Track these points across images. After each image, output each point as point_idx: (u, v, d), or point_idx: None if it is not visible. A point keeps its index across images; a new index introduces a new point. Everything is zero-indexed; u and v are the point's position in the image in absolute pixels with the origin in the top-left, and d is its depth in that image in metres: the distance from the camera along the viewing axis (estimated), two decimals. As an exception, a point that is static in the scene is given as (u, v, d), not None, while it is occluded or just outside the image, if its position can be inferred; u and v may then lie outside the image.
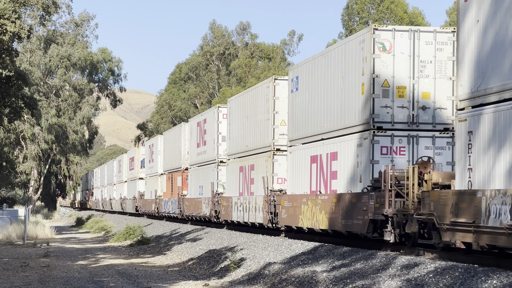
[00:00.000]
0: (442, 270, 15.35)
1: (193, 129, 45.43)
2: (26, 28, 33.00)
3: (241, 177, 34.41)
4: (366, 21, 75.37)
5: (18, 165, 79.06)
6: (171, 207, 49.85)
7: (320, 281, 17.30)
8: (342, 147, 23.76)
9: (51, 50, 79.73)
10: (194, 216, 43.02)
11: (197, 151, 43.73)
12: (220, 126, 39.14)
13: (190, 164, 45.57)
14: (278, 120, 30.45)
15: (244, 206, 33.03)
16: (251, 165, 32.96)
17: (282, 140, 30.19)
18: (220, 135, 39.02)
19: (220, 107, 39.42)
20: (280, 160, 30.27)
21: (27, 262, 27.97)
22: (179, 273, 24.14)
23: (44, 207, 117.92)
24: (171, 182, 50.52)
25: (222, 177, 38.65)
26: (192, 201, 43.82)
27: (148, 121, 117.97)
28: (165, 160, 53.90)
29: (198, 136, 43.64)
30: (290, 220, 27.72)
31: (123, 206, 74.74)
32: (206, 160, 41.21)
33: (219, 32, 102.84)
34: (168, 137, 54.25)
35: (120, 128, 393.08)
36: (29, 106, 35.92)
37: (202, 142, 42.45)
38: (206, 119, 41.87)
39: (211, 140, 40.22)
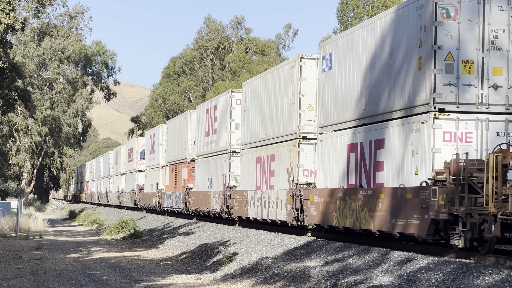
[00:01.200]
0: (434, 266, 15.38)
1: (201, 116, 41.70)
2: (20, 20, 32.93)
3: (259, 169, 30.90)
4: (361, 16, 75.37)
5: (11, 157, 78.83)
6: (174, 201, 46.51)
7: (313, 276, 17.33)
8: (390, 133, 20.33)
9: (44, 43, 79.44)
10: (202, 211, 39.77)
11: (205, 141, 40.20)
12: (233, 113, 35.57)
13: (197, 154, 42.11)
14: (304, 105, 26.93)
15: (263, 201, 29.65)
16: (271, 155, 29.51)
17: (309, 127, 26.78)
18: (233, 123, 35.50)
19: (233, 91, 35.90)
20: (306, 149, 26.80)
21: (19, 254, 27.94)
22: (171, 267, 24.14)
23: (37, 200, 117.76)
24: (175, 175, 47.09)
25: (235, 169, 35.12)
26: (199, 195, 40.45)
27: (142, 114, 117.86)
28: (168, 151, 50.21)
29: (207, 124, 40.02)
30: (321, 218, 24.06)
31: (120, 200, 71.72)
32: (216, 151, 37.84)
33: (214, 26, 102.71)
34: (171, 126, 50.37)
35: (113, 121, 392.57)
36: (22, 98, 35.87)
37: (212, 130, 38.91)
38: (217, 105, 38.20)
39: (223, 128, 36.84)
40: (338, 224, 22.63)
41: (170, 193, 47.95)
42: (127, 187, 68.61)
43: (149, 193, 56.26)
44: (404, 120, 19.73)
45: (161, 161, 52.29)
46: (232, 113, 35.68)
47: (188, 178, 43.62)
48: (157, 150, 54.28)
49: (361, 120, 22.21)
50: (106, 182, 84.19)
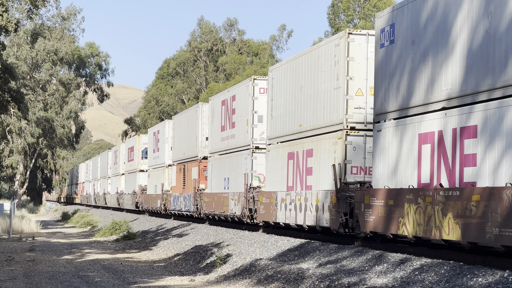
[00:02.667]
0: (428, 268, 15.39)
1: (216, 109, 37.29)
2: (13, 22, 32.89)
3: (291, 167, 26.58)
4: (352, 19, 75.47)
5: (4, 159, 78.70)
6: (183, 203, 42.30)
7: (307, 278, 17.31)
8: (493, 117, 15.61)
9: (38, 44, 79.43)
10: (217, 215, 35.54)
11: (221, 136, 35.93)
12: (256, 103, 31.68)
13: (210, 152, 37.91)
14: (353, 89, 22.94)
15: (297, 204, 25.28)
16: (307, 150, 25.21)
17: (358, 115, 22.88)
18: (256, 115, 31.59)
19: (256, 79, 31.91)
20: (355, 142, 22.75)
21: (12, 256, 27.86)
22: (165, 269, 24.11)
23: (30, 202, 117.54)
24: (183, 174, 42.82)
25: (259, 167, 31.31)
26: (213, 196, 36.20)
27: (135, 116, 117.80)
28: (175, 149, 45.82)
29: (224, 117, 35.74)
30: (382, 225, 19.40)
31: (120, 202, 67.28)
32: (235, 147, 33.75)
33: (207, 28, 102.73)
34: (179, 121, 45.76)
35: (107, 123, 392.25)
36: (15, 99, 35.83)
37: (229, 124, 34.71)
38: (236, 95, 33.95)
39: (243, 121, 32.81)
40: (407, 232, 18.13)
41: (178, 195, 43.90)
42: (127, 189, 64.58)
43: (152, 195, 52.33)
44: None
45: (167, 160, 48.50)
46: (254, 103, 31.80)
47: (199, 178, 39.63)
48: (162, 148, 50.34)
49: (440, 103, 17.76)
50: (104, 183, 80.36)
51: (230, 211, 33.09)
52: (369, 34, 23.02)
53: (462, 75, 16.94)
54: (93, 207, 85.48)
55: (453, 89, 17.18)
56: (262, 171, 31.07)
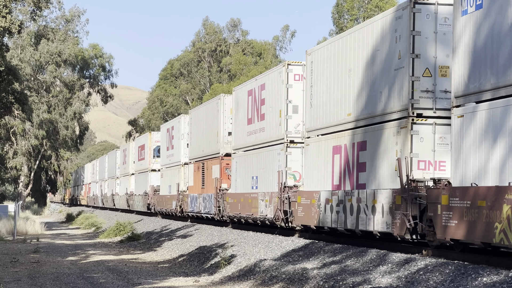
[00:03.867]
0: (432, 268, 15.37)
1: (241, 100, 33.68)
2: (17, 23, 32.95)
3: (337, 162, 23.11)
4: (356, 18, 75.43)
5: (8, 160, 78.85)
6: (202, 205, 38.74)
7: (311, 278, 17.30)
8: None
9: (41, 46, 79.57)
10: (244, 217, 31.99)
11: (247, 130, 32.41)
12: (291, 92, 28.05)
13: (234, 148, 34.33)
14: (419, 69, 19.50)
15: (348, 205, 21.81)
16: (359, 143, 21.83)
17: (426, 100, 19.35)
18: (291, 104, 27.95)
19: (290, 64, 28.29)
20: (423, 132, 19.30)
21: (17, 257, 27.89)
22: (169, 270, 24.11)
23: (34, 203, 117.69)
24: (202, 173, 39.26)
25: (294, 164, 27.69)
26: (239, 197, 32.74)
27: (139, 117, 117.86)
28: (192, 146, 42.30)
29: (251, 109, 32.24)
30: (467, 232, 15.93)
31: (129, 203, 63.71)
32: (264, 141, 30.28)
33: (212, 28, 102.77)
34: (197, 116, 42.06)
35: (111, 124, 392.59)
36: (19, 101, 35.90)
37: (258, 116, 31.25)
38: (265, 84, 30.45)
39: (274, 112, 29.27)
40: (506, 241, 14.55)
41: (196, 196, 40.29)
42: (137, 189, 61.28)
43: (166, 196, 48.63)
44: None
45: (183, 158, 45.04)
46: (288, 92, 28.15)
47: (221, 177, 36.12)
48: (177, 145, 46.66)
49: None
50: (112, 183, 76.89)
51: (260, 213, 29.66)
52: (438, 3, 19.74)
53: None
54: (100, 209, 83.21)
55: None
56: (297, 168, 27.63)
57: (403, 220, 18.70)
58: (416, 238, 18.89)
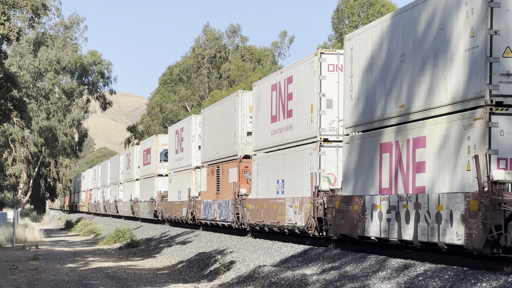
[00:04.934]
0: (432, 273, 15.34)
1: (263, 96, 30.64)
2: (15, 30, 32.96)
3: (387, 162, 19.85)
4: (356, 24, 75.49)
5: (7, 167, 78.84)
6: (218, 212, 35.72)
7: (310, 284, 17.28)
8: None
9: (40, 54, 79.68)
10: (269, 226, 28.89)
11: (271, 129, 29.43)
12: (324, 84, 25.07)
13: (255, 149, 31.42)
14: (498, 48, 16.14)
15: (402, 212, 18.47)
16: (416, 138, 18.53)
17: (507, 86, 16.11)
18: (324, 98, 24.96)
19: (324, 53, 25.21)
20: (503, 124, 16.09)
21: (15, 265, 27.85)
22: (168, 276, 24.07)
23: (33, 210, 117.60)
24: (217, 177, 36.47)
25: (328, 165, 24.73)
26: (262, 203, 29.72)
27: (138, 123, 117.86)
28: (205, 148, 39.26)
29: (275, 105, 29.12)
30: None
31: (134, 210, 60.78)
32: (293, 140, 27.26)
33: (212, 35, 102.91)
34: (210, 115, 38.93)
35: (110, 130, 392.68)
36: (18, 108, 35.89)
37: (284, 113, 28.11)
38: (293, 76, 27.30)
39: (305, 107, 26.05)
40: None
41: (211, 202, 37.31)
42: (143, 195, 58.23)
43: (176, 202, 45.71)
44: None
45: (194, 161, 42.30)
46: (322, 84, 25.15)
47: (239, 181, 33.08)
48: (187, 147, 43.82)
49: None
50: (115, 189, 73.97)
51: (288, 221, 26.55)
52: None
53: None
54: (102, 216, 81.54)
55: None
56: (332, 170, 24.70)
57: (481, 230, 15.58)
58: (497, 252, 15.83)
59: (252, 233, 31.93)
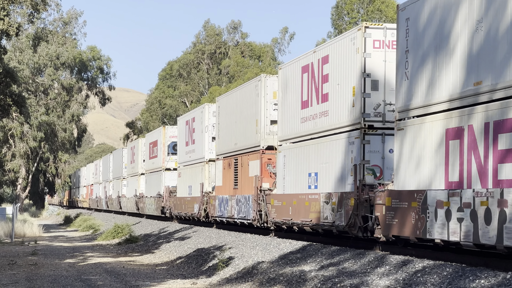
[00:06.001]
0: (430, 270, 15.37)
1: (292, 79, 27.18)
2: (14, 26, 32.94)
3: (455, 151, 16.53)
4: (355, 21, 75.49)
5: (6, 163, 78.80)
6: (236, 208, 32.89)
7: (309, 280, 17.31)
8: None
9: (40, 49, 79.61)
10: (299, 224, 25.76)
11: (302, 116, 26.10)
12: (369, 63, 21.89)
13: (281, 139, 28.15)
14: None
15: (478, 211, 15.33)
16: (497, 122, 15.27)
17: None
18: (369, 79, 21.73)
19: (369, 27, 22.04)
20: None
21: (14, 260, 27.87)
22: (167, 272, 24.10)
23: (32, 206, 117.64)
24: (235, 171, 33.59)
25: (373, 156, 21.70)
26: (290, 199, 26.53)
27: (137, 119, 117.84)
28: (221, 139, 36.09)
29: (307, 88, 25.75)
30: None
31: (139, 206, 57.81)
32: (328, 128, 23.93)
33: (212, 31, 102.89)
34: (227, 103, 35.84)
35: (109, 126, 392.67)
36: (17, 103, 35.90)
37: (318, 97, 24.78)
38: (329, 55, 24.02)
39: (344, 90, 22.85)
40: None
41: (227, 197, 34.45)
42: (148, 191, 55.20)
43: (186, 198, 42.62)
44: None
45: (207, 154, 39.36)
46: (366, 63, 21.95)
47: (262, 175, 30.16)
48: (199, 139, 40.63)
49: None
50: (118, 184, 71.26)
51: (323, 219, 23.51)
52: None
53: None
54: (104, 212, 79.74)
55: None
56: (377, 162, 21.71)
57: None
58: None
59: (277, 232, 28.87)
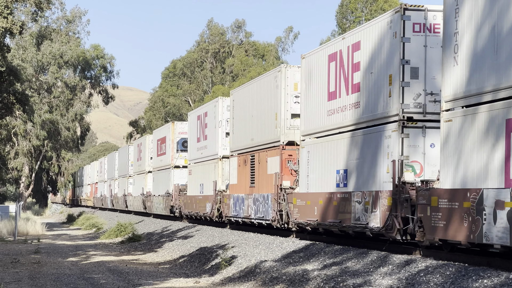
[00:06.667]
0: (433, 269, 15.36)
1: (317, 68, 25.09)
2: (18, 24, 32.97)
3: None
4: (359, 20, 75.49)
5: (10, 161, 78.90)
6: (253, 208, 30.93)
7: (311, 279, 17.30)
8: None
9: (43, 47, 79.68)
10: (326, 226, 23.55)
11: (328, 108, 24.07)
12: (408, 49, 19.80)
13: (305, 133, 26.23)
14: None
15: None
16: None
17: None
18: (408, 66, 19.70)
19: (408, 9, 20.08)
20: None
21: (17, 258, 27.90)
22: (170, 270, 24.10)
23: (35, 204, 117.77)
24: (251, 168, 31.80)
25: (412, 151, 19.66)
26: (315, 198, 24.53)
27: (141, 118, 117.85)
28: (236, 134, 34.19)
29: (333, 78, 23.71)
30: None
31: (146, 205, 55.97)
32: (360, 121, 22.01)
33: (216, 30, 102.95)
34: (242, 97, 33.83)
35: (112, 125, 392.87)
36: (20, 102, 35.94)
37: (347, 87, 22.74)
38: (361, 42, 22.01)
39: (379, 79, 20.92)
40: None
41: (243, 196, 32.55)
42: (156, 189, 53.32)
43: (197, 197, 40.85)
44: None
45: (221, 150, 37.37)
46: (405, 48, 19.83)
47: (282, 172, 28.18)
48: (212, 135, 38.70)
49: None
50: (123, 183, 68.85)
51: (355, 220, 21.53)
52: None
53: None
54: (109, 210, 77.87)
55: None
56: (417, 157, 19.75)
57: None
58: None
59: (299, 234, 26.88)
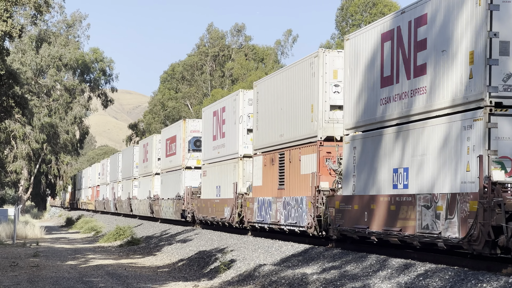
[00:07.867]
0: (432, 273, 15.35)
1: (366, 50, 21.47)
2: (17, 27, 32.99)
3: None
4: (359, 23, 75.56)
5: (8, 164, 78.88)
6: (282, 213, 27.52)
7: (310, 283, 17.28)
8: None
9: (42, 50, 79.70)
10: (381, 235, 19.78)
11: (381, 96, 20.51)
12: (496, 18, 16.06)
13: (348, 127, 22.65)
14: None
15: None
16: None
17: None
18: (497, 40, 16.03)
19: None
20: None
21: (16, 261, 27.86)
22: (168, 274, 24.08)
23: (34, 207, 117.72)
24: (279, 168, 28.34)
25: (501, 145, 15.93)
26: (364, 202, 20.97)
27: (140, 121, 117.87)
28: (261, 130, 30.89)
29: (388, 61, 20.08)
30: None
31: (154, 209, 52.60)
32: (425, 110, 18.34)
33: (216, 34, 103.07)
34: (268, 88, 30.49)
35: (111, 128, 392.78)
36: (19, 105, 35.95)
37: (408, 72, 19.05)
38: (428, 14, 18.25)
39: (454, 58, 17.17)
40: None
41: (270, 200, 29.08)
42: (165, 192, 49.71)
43: (214, 200, 37.25)
44: None
45: (241, 149, 33.98)
46: (493, 18, 16.02)
47: (319, 172, 24.67)
48: (231, 132, 35.26)
49: None
50: (128, 185, 65.62)
51: (422, 228, 17.79)
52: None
53: None
54: (112, 214, 74.76)
55: None
56: (507, 152, 15.92)
57: None
58: None
59: (340, 243, 23.02)
